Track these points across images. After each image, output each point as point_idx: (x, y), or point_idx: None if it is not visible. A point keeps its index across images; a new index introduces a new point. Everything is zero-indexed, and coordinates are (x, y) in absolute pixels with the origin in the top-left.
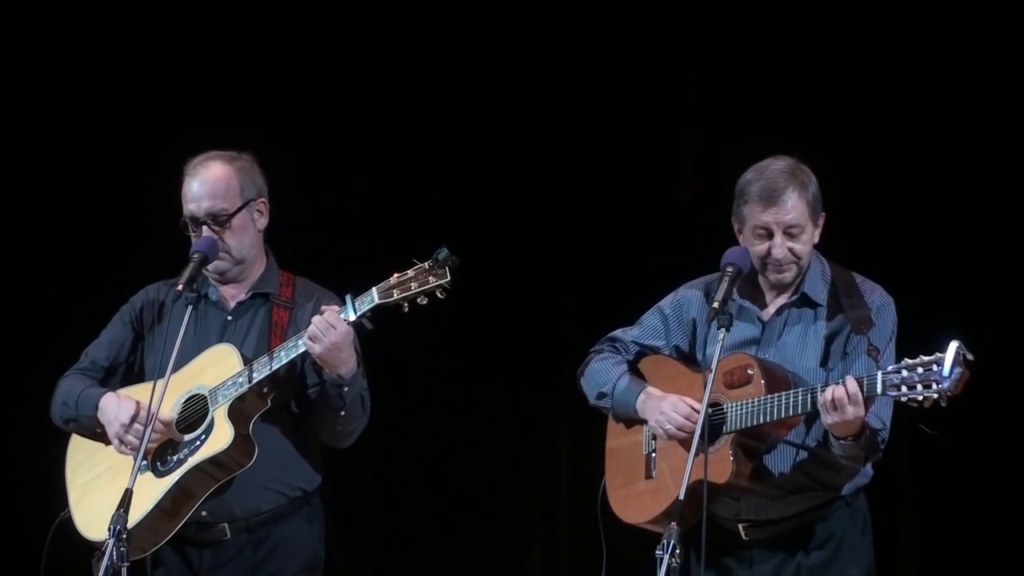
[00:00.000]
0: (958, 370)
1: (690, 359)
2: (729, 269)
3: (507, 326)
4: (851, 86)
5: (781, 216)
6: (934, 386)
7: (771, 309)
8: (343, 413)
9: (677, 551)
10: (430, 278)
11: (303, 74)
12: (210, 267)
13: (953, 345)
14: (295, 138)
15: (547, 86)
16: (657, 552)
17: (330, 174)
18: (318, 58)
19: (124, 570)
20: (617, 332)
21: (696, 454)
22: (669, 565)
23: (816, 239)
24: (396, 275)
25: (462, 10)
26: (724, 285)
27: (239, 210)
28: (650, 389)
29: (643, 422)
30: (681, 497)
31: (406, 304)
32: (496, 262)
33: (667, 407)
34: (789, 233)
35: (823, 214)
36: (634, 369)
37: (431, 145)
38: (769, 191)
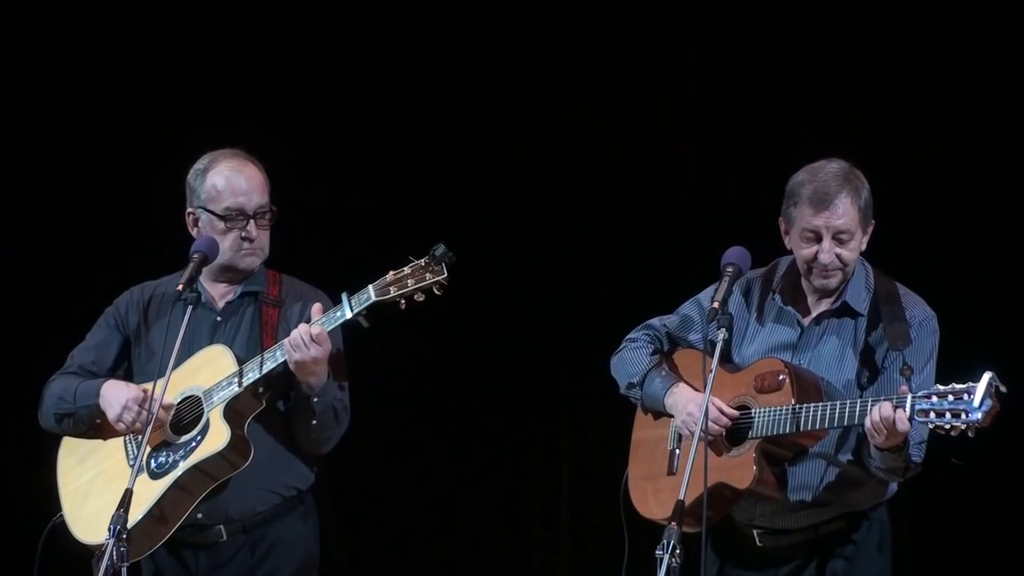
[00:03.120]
0: (988, 402)
1: (724, 356)
2: (729, 269)
3: (507, 328)
4: (852, 88)
5: (832, 221)
6: (963, 416)
7: (812, 314)
8: (314, 422)
9: (677, 551)
10: (427, 275)
11: (301, 73)
12: (243, 264)
13: (986, 377)
14: (292, 137)
15: (547, 88)
16: (657, 552)
17: (327, 173)
18: (317, 57)
19: (124, 570)
20: (654, 320)
21: (706, 456)
22: (669, 565)
23: (864, 246)
24: (392, 272)
25: (463, 10)
26: (724, 285)
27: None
28: (679, 385)
29: (670, 416)
30: (681, 497)
31: (403, 301)
32: (496, 265)
33: (695, 408)
34: (838, 239)
35: (872, 222)
36: (668, 360)
37: (430, 146)
38: (822, 194)
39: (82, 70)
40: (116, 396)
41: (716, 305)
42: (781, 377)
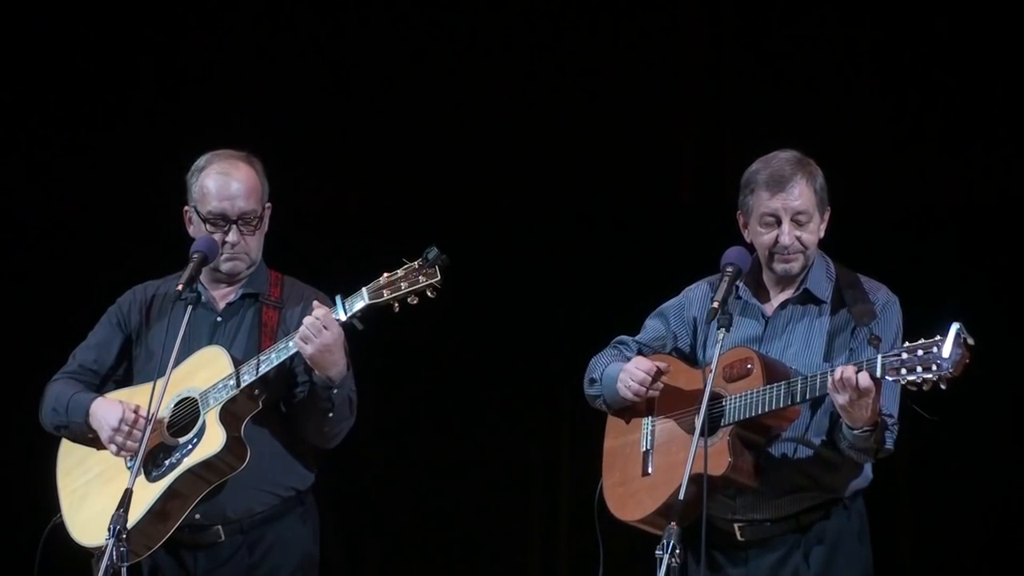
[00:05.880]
0: (958, 352)
1: (691, 359)
2: (729, 269)
3: (506, 327)
4: (852, 86)
5: (789, 202)
6: (934, 368)
7: (774, 304)
8: (331, 415)
9: (677, 551)
10: (420, 277)
11: (299, 73)
12: (224, 268)
13: (954, 327)
14: (289, 137)
15: (546, 87)
16: (657, 552)
17: (324, 172)
18: (315, 57)
19: (124, 570)
20: (623, 337)
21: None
22: (669, 565)
23: (822, 233)
24: (386, 275)
25: (461, 10)
26: (724, 284)
27: (263, 212)
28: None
29: (639, 416)
30: (681, 497)
31: (397, 304)
32: (496, 264)
33: (630, 365)
34: (797, 220)
35: (828, 208)
36: None
37: (429, 145)
38: (777, 177)
39: (82, 69)
40: (107, 418)
41: (716, 305)
42: (749, 364)
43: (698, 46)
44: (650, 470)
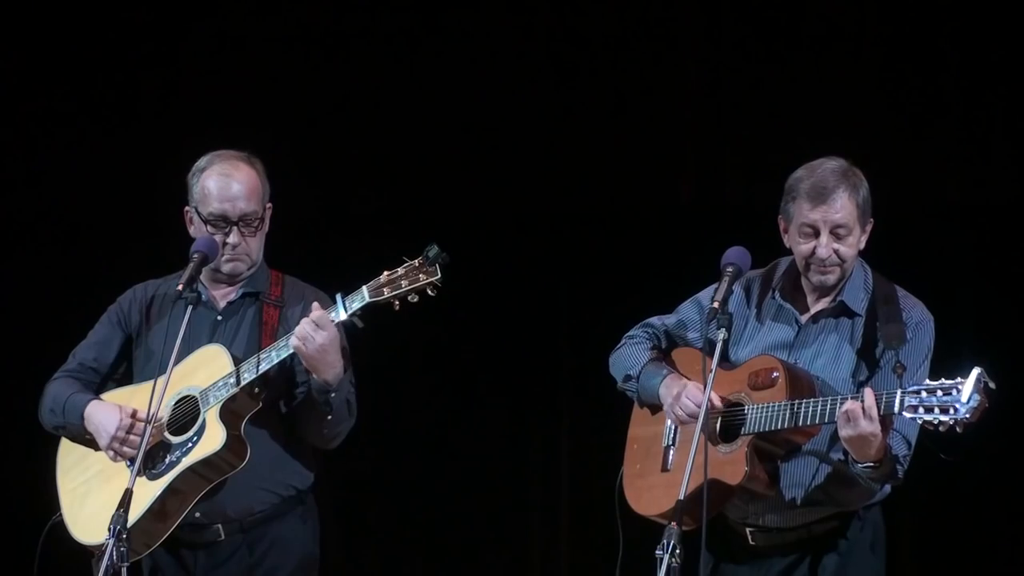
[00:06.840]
0: (977, 398)
1: (722, 355)
2: (729, 269)
3: (507, 327)
4: (852, 86)
5: (829, 215)
6: (951, 412)
7: (810, 312)
8: (329, 418)
9: (677, 551)
10: (420, 276)
11: (300, 73)
12: (225, 269)
13: (975, 372)
14: (290, 135)
15: (547, 87)
16: (657, 552)
17: (325, 171)
18: (316, 57)
19: (124, 570)
20: (653, 319)
21: (701, 454)
22: (669, 565)
23: (862, 245)
24: (386, 273)
25: (461, 9)
26: (723, 285)
27: (264, 213)
28: (674, 375)
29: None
30: (681, 497)
31: (397, 302)
32: (496, 263)
33: (682, 392)
34: (836, 234)
35: (871, 220)
36: (666, 357)
37: (430, 144)
38: (819, 189)
39: (82, 69)
40: (104, 423)
41: (716, 305)
42: (775, 374)
43: (698, 46)
44: (669, 466)
